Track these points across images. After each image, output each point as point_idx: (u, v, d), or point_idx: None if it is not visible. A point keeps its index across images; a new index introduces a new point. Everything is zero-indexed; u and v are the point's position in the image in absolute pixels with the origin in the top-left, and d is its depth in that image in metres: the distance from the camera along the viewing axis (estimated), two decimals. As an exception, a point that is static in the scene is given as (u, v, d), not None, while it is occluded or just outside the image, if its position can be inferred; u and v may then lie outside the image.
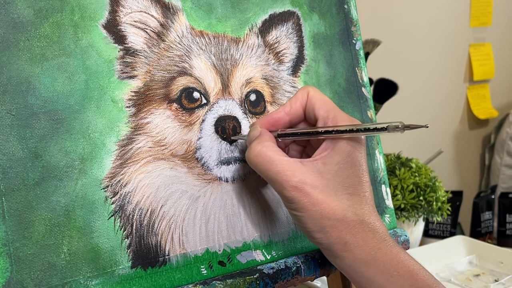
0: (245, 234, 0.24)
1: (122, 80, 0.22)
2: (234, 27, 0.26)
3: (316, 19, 0.29)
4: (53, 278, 0.19)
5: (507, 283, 0.43)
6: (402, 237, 0.29)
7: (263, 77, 0.26)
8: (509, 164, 0.83)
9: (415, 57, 0.78)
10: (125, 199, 0.21)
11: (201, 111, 0.24)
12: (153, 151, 0.22)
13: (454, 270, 0.46)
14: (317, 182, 0.20)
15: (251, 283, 0.22)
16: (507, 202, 0.66)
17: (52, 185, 0.20)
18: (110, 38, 0.22)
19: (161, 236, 0.22)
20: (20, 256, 0.19)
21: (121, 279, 0.21)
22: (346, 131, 0.21)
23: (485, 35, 0.87)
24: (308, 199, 0.20)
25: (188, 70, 0.24)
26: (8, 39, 0.20)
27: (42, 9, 0.20)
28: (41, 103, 0.20)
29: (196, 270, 0.22)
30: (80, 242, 0.20)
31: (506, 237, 0.65)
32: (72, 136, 0.21)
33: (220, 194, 0.24)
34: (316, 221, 0.20)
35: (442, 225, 0.62)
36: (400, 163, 0.51)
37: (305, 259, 0.25)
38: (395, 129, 0.19)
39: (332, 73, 0.29)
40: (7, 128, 0.19)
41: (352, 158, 0.21)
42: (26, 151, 0.19)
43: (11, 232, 0.19)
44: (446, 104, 0.85)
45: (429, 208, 0.49)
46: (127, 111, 0.22)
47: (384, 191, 0.30)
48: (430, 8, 0.78)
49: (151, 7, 0.23)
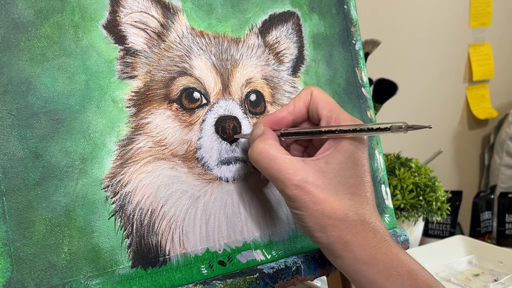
0: (245, 233, 0.24)
1: (122, 80, 0.22)
2: (234, 27, 0.26)
3: (316, 19, 0.29)
4: (53, 278, 0.19)
5: (507, 283, 0.43)
6: (401, 237, 0.29)
7: (263, 77, 0.26)
8: (508, 164, 0.83)
9: (414, 57, 0.78)
10: (125, 199, 0.21)
11: (202, 111, 0.24)
12: (154, 151, 0.22)
13: (454, 270, 0.46)
14: (319, 181, 0.20)
15: (251, 283, 0.22)
16: (506, 202, 0.66)
17: (53, 185, 0.20)
18: (111, 39, 0.22)
19: (161, 236, 0.22)
20: (21, 256, 0.19)
21: (121, 278, 0.21)
22: (349, 131, 0.21)
23: (484, 35, 0.87)
24: (309, 197, 0.20)
25: (188, 70, 0.24)
26: (9, 39, 0.20)
27: (42, 10, 0.20)
28: (42, 103, 0.20)
29: (196, 270, 0.22)
30: (81, 242, 0.20)
31: (506, 237, 0.65)
32: (73, 136, 0.21)
33: (220, 194, 0.24)
34: (317, 220, 0.20)
35: (442, 225, 0.62)
36: (400, 163, 0.51)
37: (305, 259, 0.25)
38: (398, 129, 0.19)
39: (332, 73, 0.29)
40: (7, 128, 0.19)
41: (355, 158, 0.21)
42: (27, 151, 0.20)
43: (12, 232, 0.19)
44: (445, 104, 0.85)
45: (429, 208, 0.49)
46: (127, 111, 0.22)
47: (384, 191, 0.30)
48: (430, 8, 0.78)
49: (152, 8, 0.23)
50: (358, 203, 0.21)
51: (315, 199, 0.20)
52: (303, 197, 0.20)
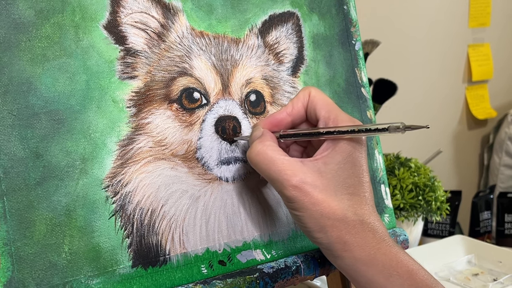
0: (245, 233, 0.24)
1: (122, 81, 0.22)
2: (234, 27, 0.26)
3: (316, 19, 0.29)
4: (54, 277, 0.19)
5: (506, 282, 0.43)
6: (401, 237, 0.29)
7: (263, 78, 0.26)
8: (507, 164, 0.83)
9: (414, 57, 0.78)
10: (125, 198, 0.22)
11: (202, 111, 0.24)
12: (154, 151, 0.23)
13: (453, 270, 0.46)
14: (318, 182, 0.20)
15: (251, 282, 0.22)
16: (505, 202, 0.66)
17: (53, 185, 0.20)
18: (111, 39, 0.22)
19: (161, 236, 0.22)
20: (22, 256, 0.19)
21: (121, 278, 0.21)
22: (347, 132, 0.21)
23: (483, 36, 0.87)
24: (308, 198, 0.20)
25: (188, 70, 0.24)
26: (10, 39, 0.20)
27: (43, 10, 0.20)
28: (42, 103, 0.20)
29: (196, 270, 0.22)
30: (81, 242, 0.20)
31: (505, 237, 0.65)
32: (73, 136, 0.21)
33: (220, 193, 0.24)
34: (316, 221, 0.21)
35: (441, 224, 0.62)
36: (399, 163, 0.51)
37: (305, 259, 0.25)
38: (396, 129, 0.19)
39: (332, 73, 0.29)
40: (8, 128, 0.19)
41: (353, 158, 0.21)
42: (28, 151, 0.20)
43: (13, 231, 0.19)
44: (445, 104, 0.85)
45: (428, 207, 0.49)
46: (127, 111, 0.22)
47: (384, 191, 0.30)
48: (429, 9, 0.78)
49: (152, 8, 0.23)
50: (357, 203, 0.21)
51: (313, 200, 0.20)
52: (301, 198, 0.20)
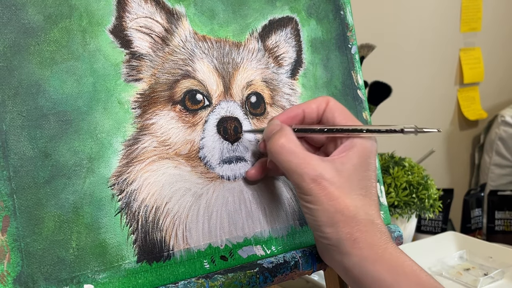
0: (246, 230, 0.25)
1: (128, 83, 0.23)
2: (235, 32, 0.27)
3: (314, 24, 0.30)
4: (62, 272, 0.20)
5: (496, 277, 0.44)
6: (395, 233, 0.30)
7: (263, 80, 0.27)
8: (498, 163, 0.85)
9: (408, 61, 0.79)
10: (131, 196, 0.22)
11: (204, 112, 0.25)
12: (158, 150, 0.23)
13: (445, 265, 0.47)
14: (335, 179, 0.21)
15: (251, 277, 0.23)
16: (496, 200, 0.68)
17: (61, 183, 0.20)
18: (117, 43, 0.23)
19: (165, 232, 0.23)
20: (31, 251, 0.19)
21: (127, 273, 0.21)
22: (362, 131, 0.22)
23: (475, 40, 0.89)
24: (325, 193, 0.21)
25: (191, 73, 0.25)
26: (19, 43, 0.20)
27: (51, 15, 0.21)
28: (51, 104, 0.21)
29: (199, 265, 0.23)
30: (88, 238, 0.21)
31: (495, 233, 0.67)
32: (80, 136, 0.21)
33: (222, 191, 0.25)
34: (330, 215, 0.21)
35: (434, 221, 0.64)
36: (394, 162, 0.53)
37: (303, 254, 0.26)
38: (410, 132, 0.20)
39: (329, 76, 0.30)
40: (18, 129, 0.20)
41: (367, 163, 0.22)
42: (36, 150, 0.20)
43: (22, 228, 0.19)
44: (437, 106, 0.87)
45: (422, 205, 0.50)
46: (133, 112, 0.23)
47: (378, 189, 0.31)
48: (423, 14, 0.80)
49: (156, 13, 0.24)
50: (368, 205, 0.22)
51: (330, 195, 0.21)
52: (318, 191, 0.21)
